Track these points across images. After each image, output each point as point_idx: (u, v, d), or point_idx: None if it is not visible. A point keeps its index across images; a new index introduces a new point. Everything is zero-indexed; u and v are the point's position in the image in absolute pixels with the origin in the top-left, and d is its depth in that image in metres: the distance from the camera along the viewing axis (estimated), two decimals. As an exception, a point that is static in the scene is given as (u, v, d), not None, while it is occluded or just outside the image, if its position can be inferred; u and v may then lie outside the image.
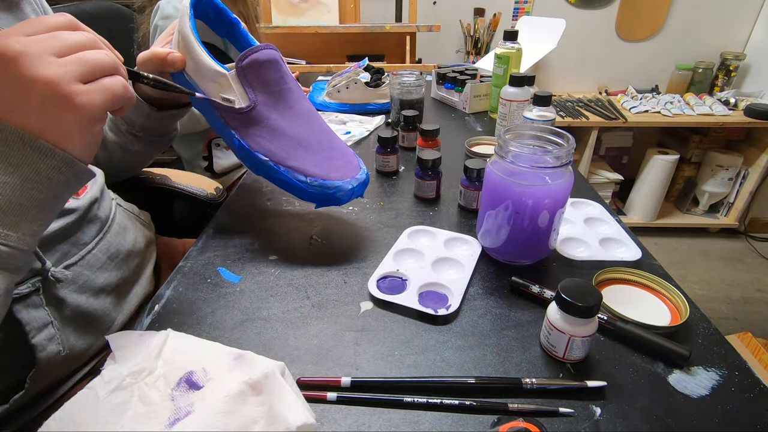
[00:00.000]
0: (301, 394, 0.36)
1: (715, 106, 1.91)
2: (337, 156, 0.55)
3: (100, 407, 0.34)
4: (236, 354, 0.38)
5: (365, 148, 0.90)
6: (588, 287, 0.38)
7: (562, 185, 0.47)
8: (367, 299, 0.48)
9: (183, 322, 0.45)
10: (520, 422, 0.32)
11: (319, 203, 0.54)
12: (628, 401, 0.37)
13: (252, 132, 0.52)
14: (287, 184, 0.53)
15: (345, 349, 0.42)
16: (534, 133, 0.51)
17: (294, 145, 0.53)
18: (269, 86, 0.52)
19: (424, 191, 0.69)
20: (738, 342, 1.39)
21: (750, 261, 2.04)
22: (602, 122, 1.92)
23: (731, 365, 0.40)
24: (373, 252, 0.56)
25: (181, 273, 0.53)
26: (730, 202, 2.13)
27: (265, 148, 0.52)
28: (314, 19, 1.79)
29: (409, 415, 0.36)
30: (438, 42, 2.14)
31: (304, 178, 0.52)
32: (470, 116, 1.09)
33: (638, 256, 0.54)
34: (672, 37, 2.08)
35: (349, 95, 1.10)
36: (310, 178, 0.52)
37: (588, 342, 0.39)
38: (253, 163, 0.54)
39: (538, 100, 0.75)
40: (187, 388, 0.36)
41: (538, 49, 1.33)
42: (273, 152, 0.52)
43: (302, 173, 0.52)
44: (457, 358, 0.41)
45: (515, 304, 0.48)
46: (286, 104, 0.53)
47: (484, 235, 0.55)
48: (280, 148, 0.52)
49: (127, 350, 0.40)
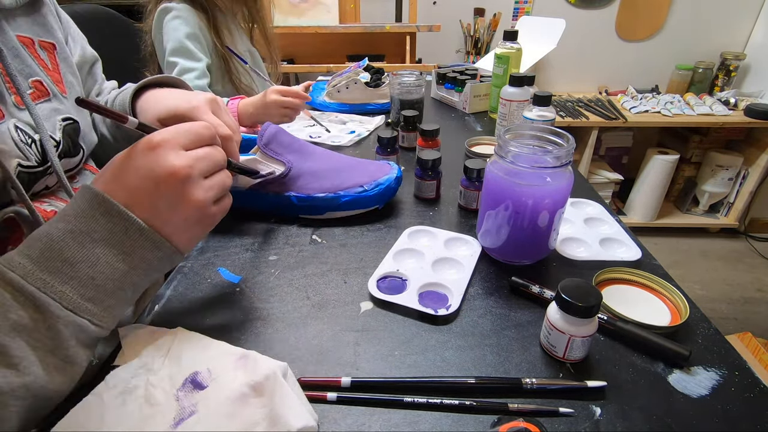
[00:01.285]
0: (303, 395, 0.36)
1: (715, 106, 1.91)
2: (367, 165, 0.64)
3: (107, 411, 0.34)
4: (241, 354, 0.38)
5: (365, 148, 0.90)
6: (588, 287, 0.38)
7: (562, 185, 0.47)
8: (367, 299, 0.48)
9: (183, 322, 0.45)
10: (520, 422, 0.32)
11: (381, 201, 0.63)
12: (628, 401, 0.37)
13: (300, 185, 0.61)
14: (353, 201, 0.61)
15: (345, 349, 0.42)
16: (534, 133, 0.51)
17: (336, 173, 0.62)
18: (289, 147, 0.61)
19: (424, 191, 0.69)
20: (738, 342, 1.39)
21: (750, 261, 2.04)
22: (602, 122, 1.92)
23: (731, 365, 0.40)
24: (373, 252, 0.56)
25: (181, 273, 0.53)
26: (730, 202, 2.13)
27: (319, 188, 0.61)
28: (314, 19, 1.79)
29: (409, 415, 0.36)
30: (438, 42, 2.14)
31: (362, 188, 0.60)
32: (470, 116, 1.09)
33: (638, 256, 0.54)
34: (672, 37, 2.08)
35: (349, 95, 1.10)
36: (366, 185, 0.61)
37: (588, 342, 0.39)
38: (317, 206, 0.61)
39: (538, 100, 0.75)
40: (192, 388, 0.36)
41: (538, 49, 1.33)
42: (326, 187, 0.61)
43: (358, 186, 0.61)
44: (457, 358, 0.41)
45: (515, 304, 0.48)
46: (308, 152, 0.63)
47: (484, 235, 0.55)
48: (329, 180, 0.61)
49: (136, 347, 0.40)
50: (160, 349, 0.40)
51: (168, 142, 0.36)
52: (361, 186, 0.61)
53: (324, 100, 1.13)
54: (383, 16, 2.04)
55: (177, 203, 0.36)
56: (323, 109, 1.12)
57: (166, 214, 0.36)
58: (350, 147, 0.90)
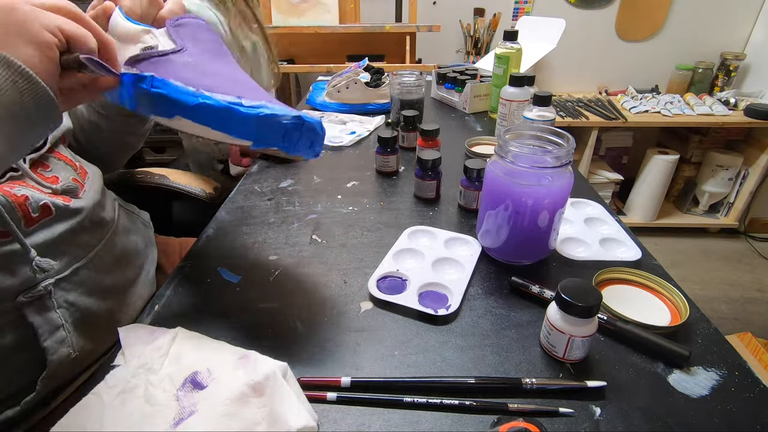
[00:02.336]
0: (303, 395, 0.36)
1: (715, 106, 1.91)
2: (275, 100, 0.42)
3: (107, 411, 0.34)
4: (241, 354, 0.38)
5: (365, 148, 0.90)
6: (588, 287, 0.38)
7: (562, 185, 0.48)
8: (367, 299, 0.48)
9: (183, 322, 0.45)
10: (520, 422, 0.32)
11: (261, 138, 0.39)
12: (628, 401, 0.37)
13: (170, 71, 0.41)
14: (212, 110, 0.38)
15: (345, 349, 0.42)
16: (534, 133, 0.51)
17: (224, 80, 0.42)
18: (203, 43, 0.46)
19: (424, 191, 0.69)
20: (738, 342, 1.39)
21: (750, 261, 2.03)
22: (602, 122, 1.92)
23: (731, 365, 0.40)
24: (373, 252, 0.56)
25: (181, 273, 0.53)
26: (730, 202, 2.13)
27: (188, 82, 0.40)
28: (314, 19, 1.79)
29: (409, 415, 0.36)
30: (438, 42, 2.14)
31: (237, 99, 0.39)
32: (470, 116, 1.09)
33: (638, 256, 0.54)
34: (672, 37, 2.08)
35: (349, 95, 1.10)
36: (245, 99, 0.39)
37: (588, 342, 0.39)
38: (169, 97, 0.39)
39: (538, 100, 0.75)
40: (192, 388, 0.36)
41: (538, 49, 1.33)
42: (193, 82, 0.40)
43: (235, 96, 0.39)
44: (457, 358, 0.41)
45: (515, 304, 0.48)
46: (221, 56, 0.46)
47: (484, 235, 0.55)
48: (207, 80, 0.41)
49: (136, 348, 0.40)
50: (160, 349, 0.40)
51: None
52: (238, 97, 0.39)
53: (324, 100, 1.13)
54: (383, 16, 2.03)
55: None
56: (323, 109, 1.13)
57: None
58: (350, 147, 0.90)
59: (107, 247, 0.53)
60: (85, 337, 0.48)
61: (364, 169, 0.80)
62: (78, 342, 0.47)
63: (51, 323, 0.44)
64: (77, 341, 0.47)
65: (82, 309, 0.47)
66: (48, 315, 0.44)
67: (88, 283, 0.49)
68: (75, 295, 0.47)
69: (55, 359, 0.44)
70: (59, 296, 0.45)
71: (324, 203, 0.68)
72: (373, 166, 0.80)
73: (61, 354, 0.45)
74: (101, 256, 0.51)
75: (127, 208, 0.62)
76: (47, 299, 0.44)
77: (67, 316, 0.46)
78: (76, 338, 0.47)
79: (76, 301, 0.47)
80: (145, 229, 0.65)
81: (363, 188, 0.73)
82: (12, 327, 0.42)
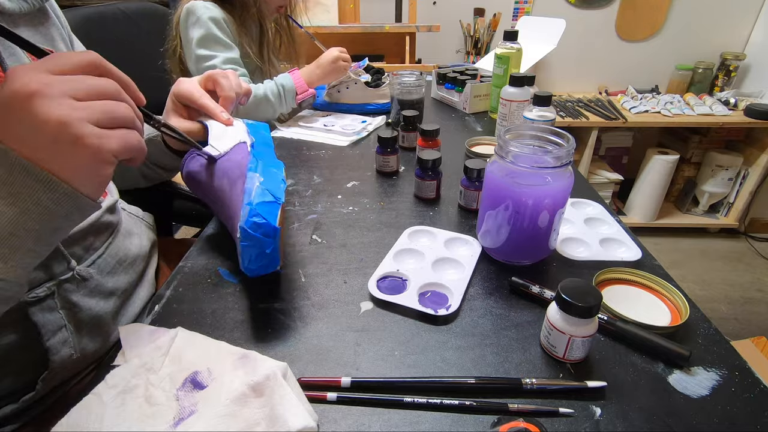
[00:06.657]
0: (303, 396, 0.36)
1: (715, 106, 1.91)
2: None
3: (107, 411, 0.34)
4: (241, 354, 0.38)
5: (365, 148, 0.90)
6: (588, 287, 0.38)
7: (562, 185, 0.47)
8: (367, 299, 0.48)
9: (183, 322, 0.45)
10: (520, 422, 0.32)
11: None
12: (628, 401, 0.37)
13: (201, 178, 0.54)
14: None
15: (345, 349, 0.42)
16: (534, 133, 0.51)
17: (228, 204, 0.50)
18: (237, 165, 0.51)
19: (424, 191, 0.69)
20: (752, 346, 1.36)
21: (750, 261, 2.03)
22: (602, 122, 1.92)
23: (731, 365, 0.40)
24: (373, 252, 0.56)
25: (181, 273, 0.52)
26: (730, 202, 2.13)
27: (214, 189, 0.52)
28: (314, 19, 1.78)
29: (409, 416, 0.36)
30: (438, 42, 2.14)
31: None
32: (470, 116, 1.09)
33: (638, 256, 0.54)
34: (672, 37, 2.08)
35: (349, 95, 1.10)
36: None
37: (588, 342, 0.39)
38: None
39: (538, 100, 0.75)
40: (192, 388, 0.36)
41: (538, 49, 1.33)
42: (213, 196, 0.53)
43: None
44: (457, 358, 0.41)
45: (515, 304, 0.47)
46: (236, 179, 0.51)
47: (484, 235, 0.55)
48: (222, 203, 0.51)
49: (136, 348, 0.40)
50: (160, 349, 0.40)
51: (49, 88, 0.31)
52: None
53: (324, 100, 1.13)
54: (383, 16, 2.03)
55: (36, 126, 0.31)
56: (323, 109, 1.13)
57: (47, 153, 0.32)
58: (350, 147, 0.90)
59: (110, 250, 0.53)
60: (88, 337, 0.48)
61: (364, 169, 0.80)
62: (81, 343, 0.47)
63: (54, 323, 0.44)
64: (80, 342, 0.47)
65: (85, 310, 0.48)
66: (51, 315, 0.44)
67: (91, 285, 0.49)
68: (78, 296, 0.47)
69: (57, 359, 0.45)
70: (62, 297, 0.45)
71: (324, 203, 0.68)
72: (373, 166, 0.80)
73: (63, 354, 0.45)
74: (105, 259, 0.52)
75: (130, 211, 0.63)
76: (50, 299, 0.44)
77: (69, 317, 0.46)
78: (78, 339, 0.47)
79: (80, 302, 0.47)
80: (149, 231, 0.65)
81: (363, 188, 0.73)
82: (16, 326, 0.43)
